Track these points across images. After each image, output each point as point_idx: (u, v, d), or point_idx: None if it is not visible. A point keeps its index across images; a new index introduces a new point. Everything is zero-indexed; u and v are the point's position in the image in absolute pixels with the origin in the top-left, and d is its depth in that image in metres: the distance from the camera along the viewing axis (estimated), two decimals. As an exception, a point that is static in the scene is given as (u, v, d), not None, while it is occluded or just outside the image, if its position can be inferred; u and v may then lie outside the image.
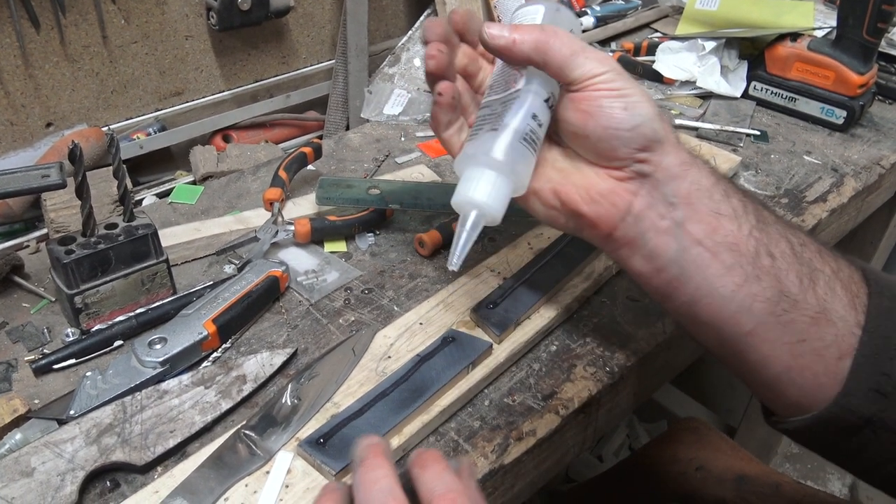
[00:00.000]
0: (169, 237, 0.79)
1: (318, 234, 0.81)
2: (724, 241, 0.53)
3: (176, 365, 0.64)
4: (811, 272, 0.53)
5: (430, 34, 0.58)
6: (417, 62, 1.21)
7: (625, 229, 0.55)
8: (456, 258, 0.54)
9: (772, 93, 1.14)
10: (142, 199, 1.02)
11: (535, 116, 0.55)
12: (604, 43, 1.34)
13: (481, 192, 0.53)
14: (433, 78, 0.58)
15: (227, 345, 0.68)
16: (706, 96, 1.17)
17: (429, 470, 0.42)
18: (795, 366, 0.53)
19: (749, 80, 1.16)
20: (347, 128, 1.22)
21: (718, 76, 1.16)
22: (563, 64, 0.53)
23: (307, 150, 0.91)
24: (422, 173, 0.95)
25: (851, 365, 0.51)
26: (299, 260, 0.80)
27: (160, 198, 1.01)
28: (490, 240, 0.84)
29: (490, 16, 1.21)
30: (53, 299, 0.73)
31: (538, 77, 0.56)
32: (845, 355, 0.52)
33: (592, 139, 0.55)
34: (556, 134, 0.59)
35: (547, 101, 0.56)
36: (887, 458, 0.53)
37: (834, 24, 1.07)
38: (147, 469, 0.56)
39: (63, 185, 0.68)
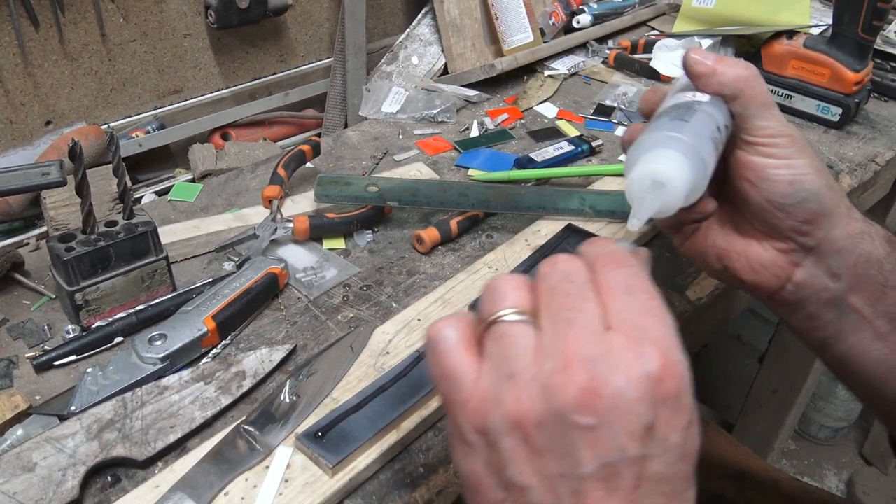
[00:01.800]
0: (168, 234, 0.79)
1: (317, 231, 0.82)
2: (886, 311, 0.53)
3: (176, 361, 0.64)
4: None
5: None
6: (415, 60, 1.21)
7: (784, 296, 0.55)
8: (636, 220, 0.49)
9: (768, 90, 1.14)
10: (141, 197, 1.02)
11: (718, 129, 0.51)
12: (601, 40, 1.35)
13: (666, 167, 0.48)
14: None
15: (227, 341, 0.69)
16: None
17: (595, 244, 0.40)
18: None
19: (745, 77, 1.17)
20: (346, 125, 1.23)
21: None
22: (754, 108, 0.52)
23: (306, 147, 0.92)
24: (420, 171, 0.96)
25: None
26: (298, 257, 0.80)
27: (159, 195, 1.01)
28: (488, 236, 0.84)
29: (488, 14, 1.21)
30: (54, 296, 0.74)
31: (720, 105, 0.53)
32: None
33: (755, 209, 0.54)
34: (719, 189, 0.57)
35: (726, 128, 0.53)
36: None
37: (830, 21, 1.07)
38: (148, 464, 0.57)
39: (63, 183, 0.68)
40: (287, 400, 0.61)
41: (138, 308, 0.70)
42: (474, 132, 1.07)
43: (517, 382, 0.35)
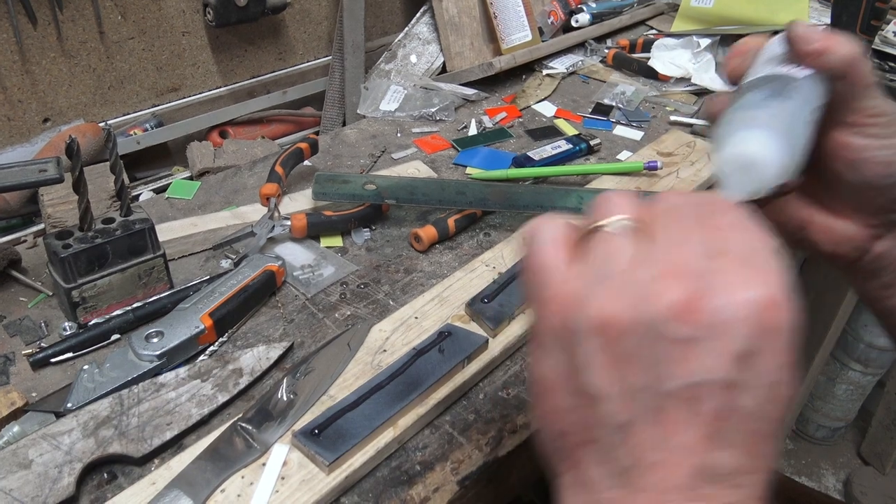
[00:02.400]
0: (166, 232, 0.79)
1: (315, 229, 0.82)
2: None
3: (173, 358, 0.64)
4: None
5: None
6: (414, 58, 1.21)
7: (862, 265, 0.54)
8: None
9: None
10: (139, 195, 1.02)
11: (813, 110, 0.49)
12: (599, 40, 1.35)
13: (759, 150, 0.45)
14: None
15: (224, 339, 0.69)
16: (701, 93, 1.18)
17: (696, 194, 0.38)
18: None
19: (744, 76, 1.17)
20: (344, 124, 1.23)
21: (713, 73, 1.17)
22: (861, 87, 0.49)
23: (303, 145, 0.92)
24: (417, 169, 0.96)
25: None
26: (295, 255, 0.80)
27: (157, 193, 1.01)
28: (485, 234, 0.84)
29: (486, 13, 1.21)
30: (51, 293, 0.74)
31: (818, 83, 0.50)
32: None
33: (846, 188, 0.52)
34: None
35: (821, 108, 0.50)
36: None
37: (828, 21, 1.07)
38: (144, 461, 0.57)
39: (60, 180, 0.68)
40: (284, 397, 0.61)
41: (135, 305, 0.70)
42: (472, 131, 1.07)
43: (610, 285, 0.32)
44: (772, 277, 0.32)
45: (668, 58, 1.23)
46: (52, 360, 0.65)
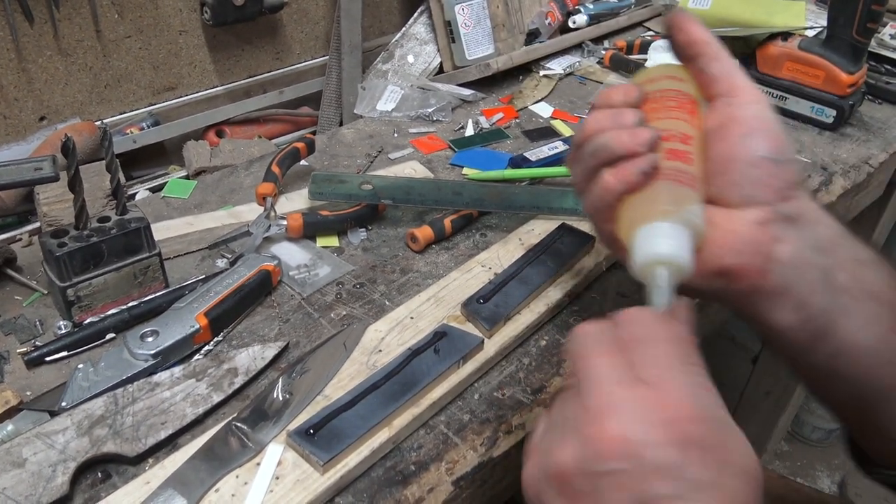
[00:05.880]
0: (162, 231, 0.79)
1: (311, 228, 0.82)
2: (869, 289, 0.50)
3: (168, 358, 0.64)
4: None
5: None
6: (411, 59, 1.21)
7: (773, 279, 0.50)
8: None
9: (763, 91, 1.14)
10: (135, 194, 1.02)
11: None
12: (597, 41, 1.35)
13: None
14: None
15: (219, 338, 0.69)
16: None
17: (629, 313, 0.44)
18: None
19: (740, 78, 1.17)
20: (341, 123, 1.22)
21: (710, 75, 1.17)
22: (728, 63, 0.52)
23: (300, 145, 0.92)
24: (414, 169, 0.96)
25: None
26: (291, 254, 0.80)
27: (153, 192, 1.01)
28: (482, 235, 0.84)
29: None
30: (46, 292, 0.73)
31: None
32: None
33: (739, 170, 0.50)
34: None
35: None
36: None
37: (825, 23, 1.08)
38: (138, 460, 0.57)
39: (56, 179, 0.68)
40: (279, 397, 0.61)
41: (130, 304, 0.70)
42: (469, 131, 1.07)
43: (559, 436, 0.40)
44: (686, 391, 0.38)
45: (664, 59, 1.22)
46: (47, 358, 0.65)
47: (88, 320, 0.69)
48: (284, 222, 0.80)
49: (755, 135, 0.50)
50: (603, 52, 1.31)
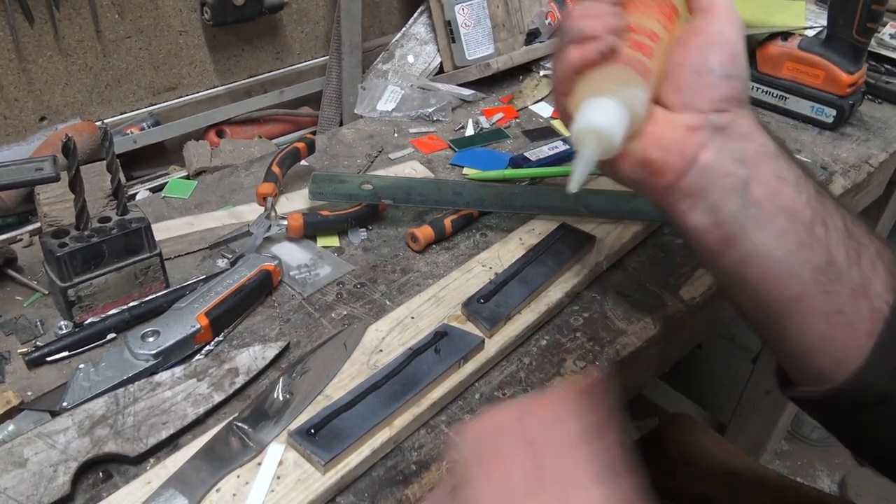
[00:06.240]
0: (162, 231, 0.79)
1: (311, 228, 0.82)
2: (784, 205, 0.53)
3: (169, 358, 0.64)
4: (858, 247, 0.54)
5: None
6: (411, 59, 1.21)
7: (690, 180, 0.54)
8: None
9: (763, 91, 1.15)
10: (135, 194, 1.02)
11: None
12: (597, 41, 1.34)
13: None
14: None
15: (220, 338, 0.69)
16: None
17: (533, 402, 0.46)
18: (829, 336, 0.54)
19: (740, 78, 1.17)
20: (341, 123, 1.22)
21: (710, 74, 1.17)
22: None
23: (300, 145, 0.92)
24: (414, 169, 0.96)
25: (876, 340, 0.52)
26: (292, 254, 0.80)
27: (154, 192, 1.01)
28: (482, 235, 0.84)
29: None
30: (47, 292, 0.73)
31: None
32: (875, 331, 0.52)
33: (685, 76, 0.54)
34: None
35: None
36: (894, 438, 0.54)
37: (825, 23, 1.08)
38: (140, 460, 0.57)
39: (56, 179, 0.68)
40: (280, 397, 0.61)
41: (131, 304, 0.70)
42: (469, 131, 1.07)
43: None
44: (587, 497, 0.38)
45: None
46: (48, 358, 0.65)
47: (89, 320, 0.69)
48: (285, 222, 0.80)
49: (711, 48, 0.54)
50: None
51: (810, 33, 1.14)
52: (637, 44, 0.54)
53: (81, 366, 0.62)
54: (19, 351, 0.66)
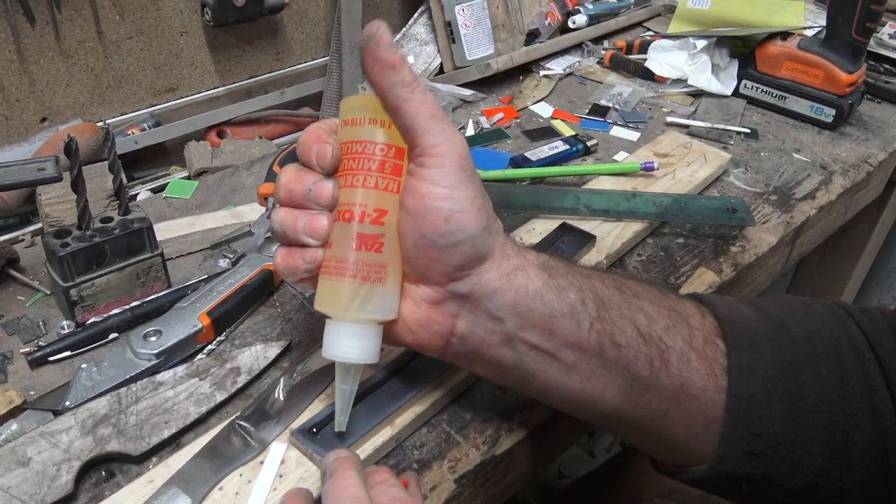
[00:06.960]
0: (164, 231, 0.79)
1: (312, 228, 0.82)
2: (564, 341, 0.50)
3: (171, 357, 0.65)
4: (662, 352, 0.51)
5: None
6: (411, 59, 1.22)
7: (455, 349, 0.52)
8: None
9: (762, 91, 1.15)
10: (137, 194, 1.02)
11: None
12: (596, 41, 1.35)
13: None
14: None
15: (222, 337, 0.69)
16: (697, 94, 1.18)
17: (377, 486, 0.47)
18: (664, 435, 0.53)
19: (740, 78, 1.17)
20: (341, 124, 1.23)
21: (710, 74, 1.17)
22: (421, 120, 0.46)
23: (301, 145, 0.92)
24: (415, 169, 0.96)
25: (721, 431, 0.51)
26: (293, 254, 0.80)
27: (155, 193, 1.01)
28: (482, 235, 0.84)
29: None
30: (49, 292, 0.74)
31: None
32: (713, 422, 0.51)
33: (407, 251, 0.49)
34: None
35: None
36: (774, 501, 0.55)
37: (824, 23, 1.08)
38: (142, 459, 0.57)
39: (59, 179, 0.68)
40: (282, 396, 0.61)
41: (133, 304, 0.71)
42: (470, 131, 1.07)
43: None
44: None
45: (664, 59, 1.23)
46: (50, 358, 0.66)
47: (91, 320, 0.69)
48: (286, 222, 0.80)
49: (422, 215, 0.47)
50: (603, 52, 1.31)
51: (809, 33, 1.15)
52: (363, 238, 0.48)
53: (84, 365, 0.62)
54: (22, 351, 0.67)
